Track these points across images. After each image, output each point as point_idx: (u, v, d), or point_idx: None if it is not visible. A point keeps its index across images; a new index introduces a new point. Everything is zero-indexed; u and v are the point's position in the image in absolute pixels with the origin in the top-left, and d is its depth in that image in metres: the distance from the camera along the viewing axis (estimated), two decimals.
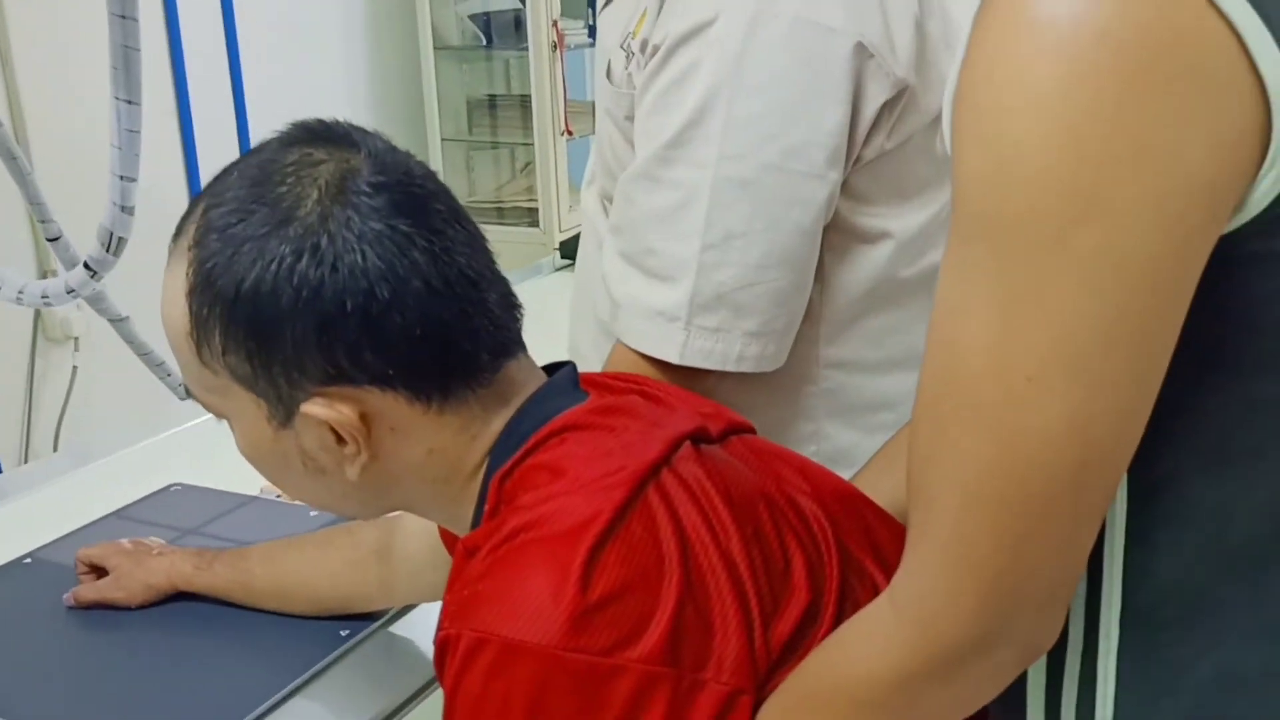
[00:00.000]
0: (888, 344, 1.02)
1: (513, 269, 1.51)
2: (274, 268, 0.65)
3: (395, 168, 0.69)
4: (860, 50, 0.90)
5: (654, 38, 0.96)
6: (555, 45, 3.11)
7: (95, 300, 1.92)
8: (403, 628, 1.05)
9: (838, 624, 0.68)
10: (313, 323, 0.66)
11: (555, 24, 3.11)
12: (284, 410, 0.70)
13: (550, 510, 0.65)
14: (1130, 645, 0.60)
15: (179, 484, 1.33)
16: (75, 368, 2.23)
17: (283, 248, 0.65)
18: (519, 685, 0.61)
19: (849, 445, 1.02)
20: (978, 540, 0.54)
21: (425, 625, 1.05)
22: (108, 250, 1.44)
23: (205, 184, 0.71)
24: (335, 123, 0.71)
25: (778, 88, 0.90)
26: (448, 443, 0.71)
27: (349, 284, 0.65)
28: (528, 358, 0.75)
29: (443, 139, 3.35)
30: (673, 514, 0.66)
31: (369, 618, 1.03)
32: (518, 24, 3.27)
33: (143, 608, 1.05)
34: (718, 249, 0.92)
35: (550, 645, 0.60)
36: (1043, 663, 0.62)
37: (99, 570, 1.08)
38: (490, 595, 0.63)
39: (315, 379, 0.68)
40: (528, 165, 3.47)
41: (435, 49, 3.29)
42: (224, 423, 0.75)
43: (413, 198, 0.68)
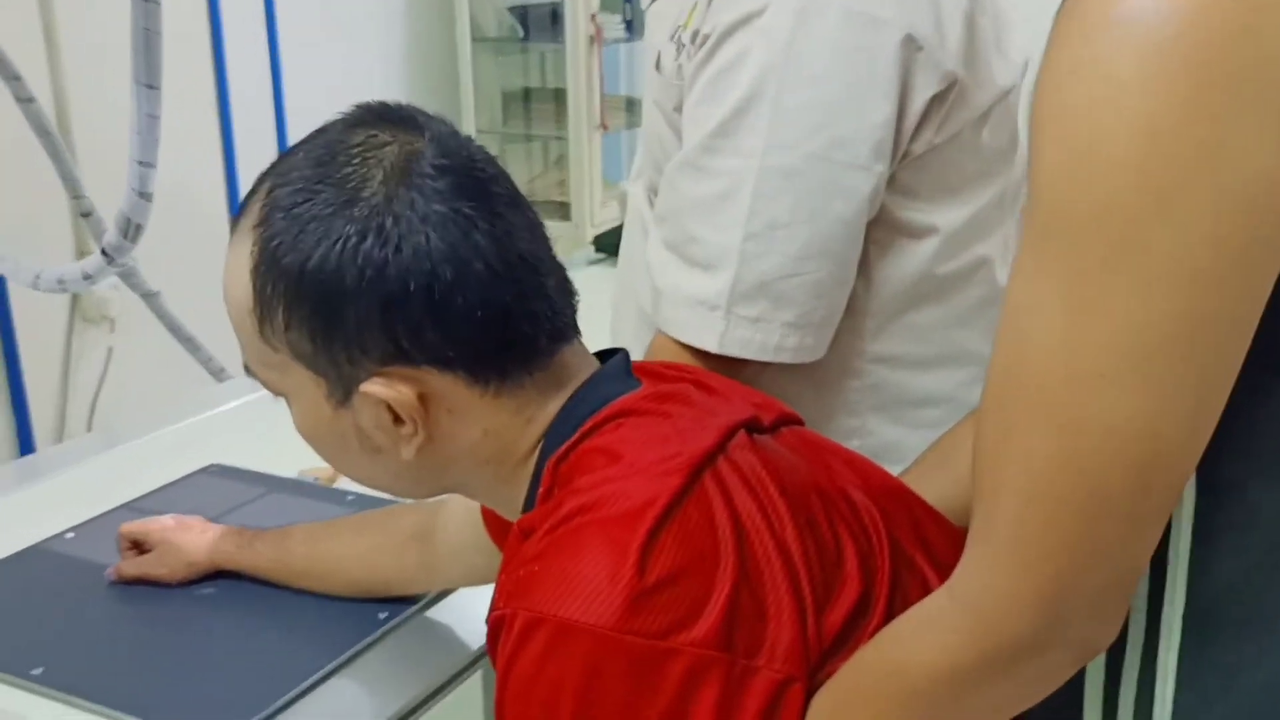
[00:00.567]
0: (932, 340, 1.02)
1: None
2: (339, 247, 0.66)
3: (458, 151, 0.70)
4: (909, 42, 0.90)
5: (704, 28, 0.96)
6: (593, 39, 3.11)
7: (127, 275, 1.94)
8: (440, 612, 1.05)
9: (889, 616, 0.68)
10: (376, 302, 0.66)
11: (594, 17, 3.11)
12: (343, 389, 0.70)
13: (608, 493, 0.65)
14: (1191, 644, 0.59)
15: (217, 464, 1.34)
16: (111, 348, 2.24)
17: (348, 228, 0.66)
18: (573, 666, 0.61)
19: (893, 441, 1.01)
20: (1039, 537, 0.54)
21: (463, 610, 1.05)
22: (125, 236, 1.45)
23: (269, 166, 0.72)
24: (400, 105, 0.72)
25: (826, 79, 0.90)
26: (503, 425, 0.72)
27: (413, 265, 0.66)
28: (582, 344, 0.76)
29: (477, 130, 3.35)
30: (728, 501, 0.66)
31: (407, 601, 1.04)
32: (555, 17, 3.27)
33: (183, 584, 1.06)
34: (760, 238, 0.92)
35: (605, 627, 0.60)
36: (1101, 659, 0.62)
37: (141, 546, 1.09)
38: (546, 576, 0.63)
39: (375, 358, 0.68)
40: (560, 159, 3.47)
41: (472, 40, 3.29)
42: (259, 406, 0.76)
43: (475, 181, 0.69)
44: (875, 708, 0.62)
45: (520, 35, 3.46)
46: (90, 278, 1.58)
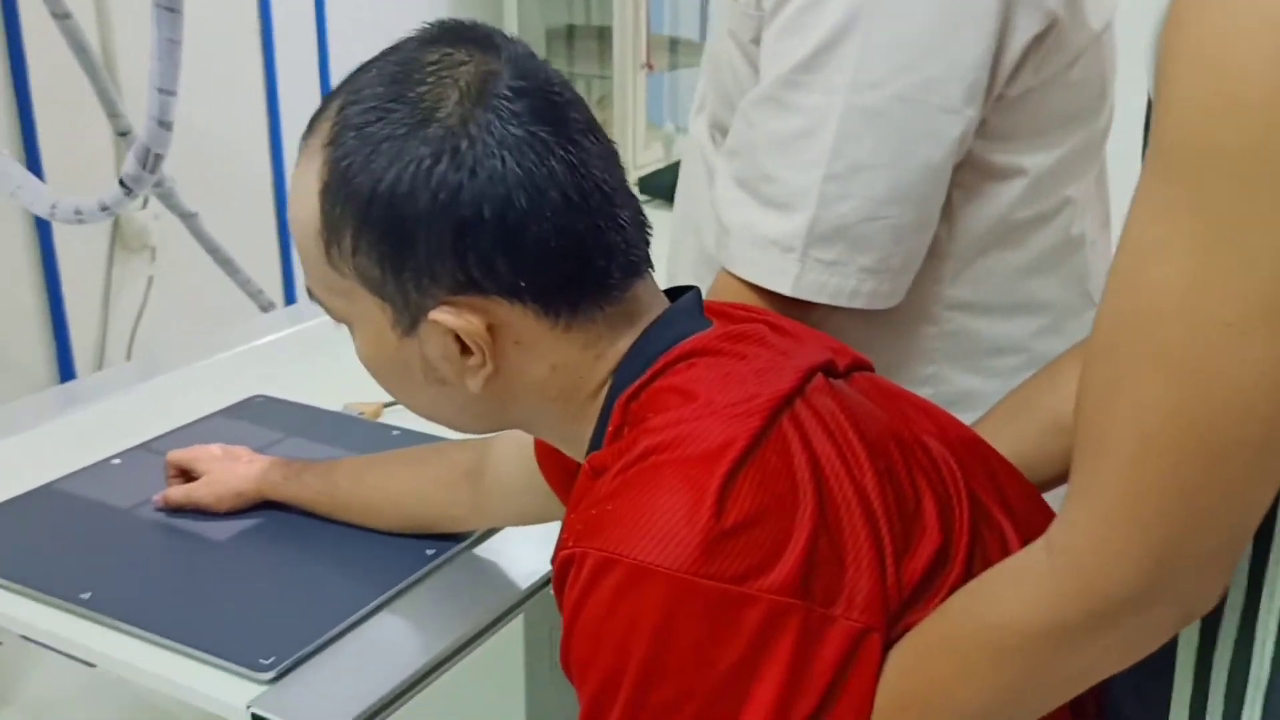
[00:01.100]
0: (1009, 286, 0.99)
1: None
2: (412, 169, 0.64)
3: (535, 74, 0.67)
4: None
5: None
6: None
7: (165, 196, 1.92)
8: (487, 550, 1.04)
9: (968, 568, 0.66)
10: (448, 228, 0.64)
11: None
12: (410, 317, 0.68)
13: (684, 433, 0.63)
14: None
15: (262, 395, 1.33)
16: (151, 278, 2.23)
17: (422, 149, 0.64)
18: (647, 608, 0.59)
19: (967, 390, 0.99)
20: (1151, 491, 0.51)
21: (509, 549, 1.04)
22: (144, 167, 1.41)
23: (340, 83, 0.69)
24: (476, 24, 0.69)
25: (919, 16, 0.86)
26: (571, 360, 0.70)
27: (488, 190, 0.64)
28: (654, 280, 0.73)
29: None
30: (807, 445, 0.64)
31: (454, 538, 1.03)
32: None
33: (229, 514, 1.05)
34: (841, 180, 0.89)
35: (681, 569, 0.59)
36: (1196, 622, 0.60)
37: (188, 474, 1.08)
38: (620, 515, 0.61)
39: (445, 286, 0.66)
40: (604, 98, 3.42)
41: None
42: (300, 339, 0.74)
43: (552, 105, 0.66)
44: (962, 663, 0.60)
45: None
46: (108, 209, 1.55)
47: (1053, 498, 0.79)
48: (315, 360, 1.48)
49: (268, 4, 2.43)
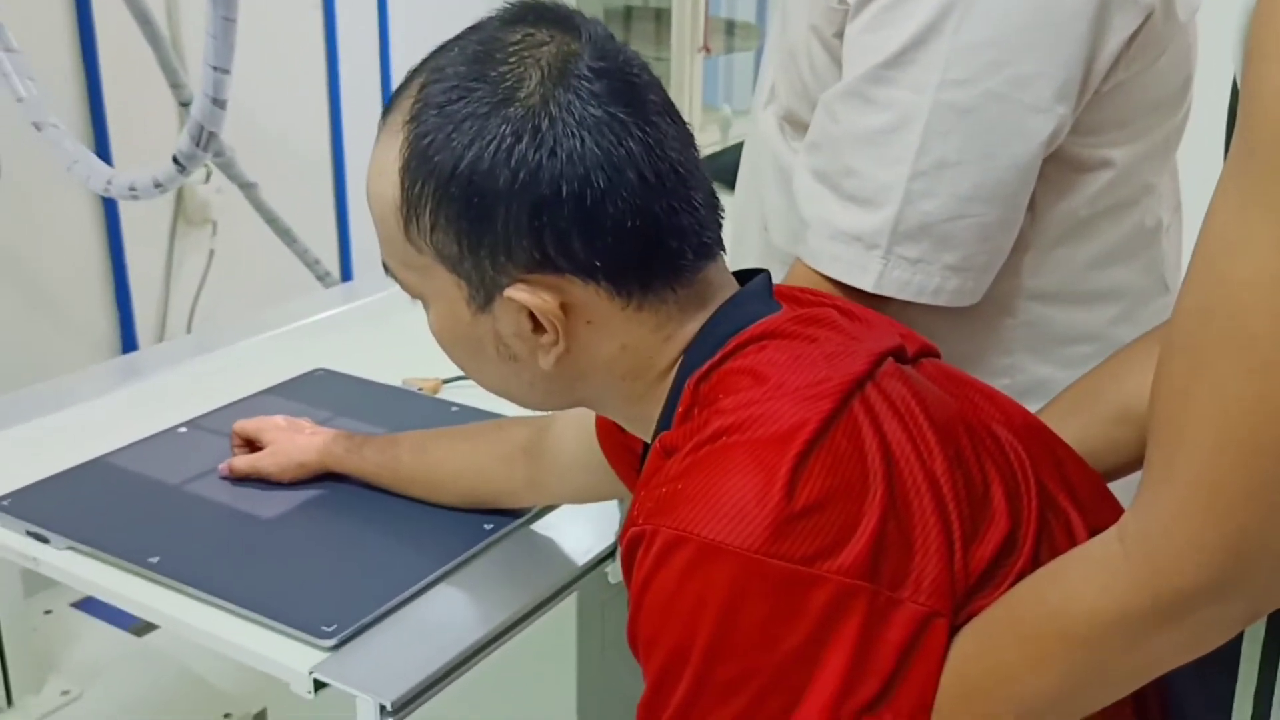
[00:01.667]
0: (1088, 275, 0.98)
1: None
2: (492, 147, 0.65)
3: (614, 54, 0.68)
4: None
5: None
6: None
7: (225, 166, 1.94)
8: (543, 526, 1.05)
9: (1035, 556, 0.66)
10: (527, 206, 0.65)
11: None
12: (485, 294, 0.69)
13: (756, 414, 0.64)
14: None
15: (324, 369, 1.35)
16: (212, 251, 2.27)
17: (503, 127, 0.65)
18: (715, 587, 0.60)
19: (1043, 379, 0.98)
20: (1228, 483, 0.51)
21: (566, 525, 1.05)
22: (198, 145, 1.42)
23: (421, 61, 0.70)
24: (556, 4, 0.70)
25: (1012, 13, 0.85)
26: (641, 341, 0.70)
27: (566, 169, 0.64)
28: (724, 262, 0.74)
29: None
30: (877, 429, 0.65)
31: (512, 514, 1.04)
32: None
33: (291, 485, 1.07)
34: (928, 177, 0.88)
35: (751, 549, 0.59)
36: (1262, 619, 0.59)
37: (253, 444, 1.10)
38: (691, 494, 0.62)
39: (521, 264, 0.67)
40: (660, 80, 3.41)
41: None
42: (359, 314, 0.75)
43: (630, 86, 0.67)
44: (1030, 651, 0.60)
45: None
46: (161, 185, 1.57)
47: (1116, 488, 0.78)
48: (374, 336, 1.50)
49: (332, 17, 2.45)
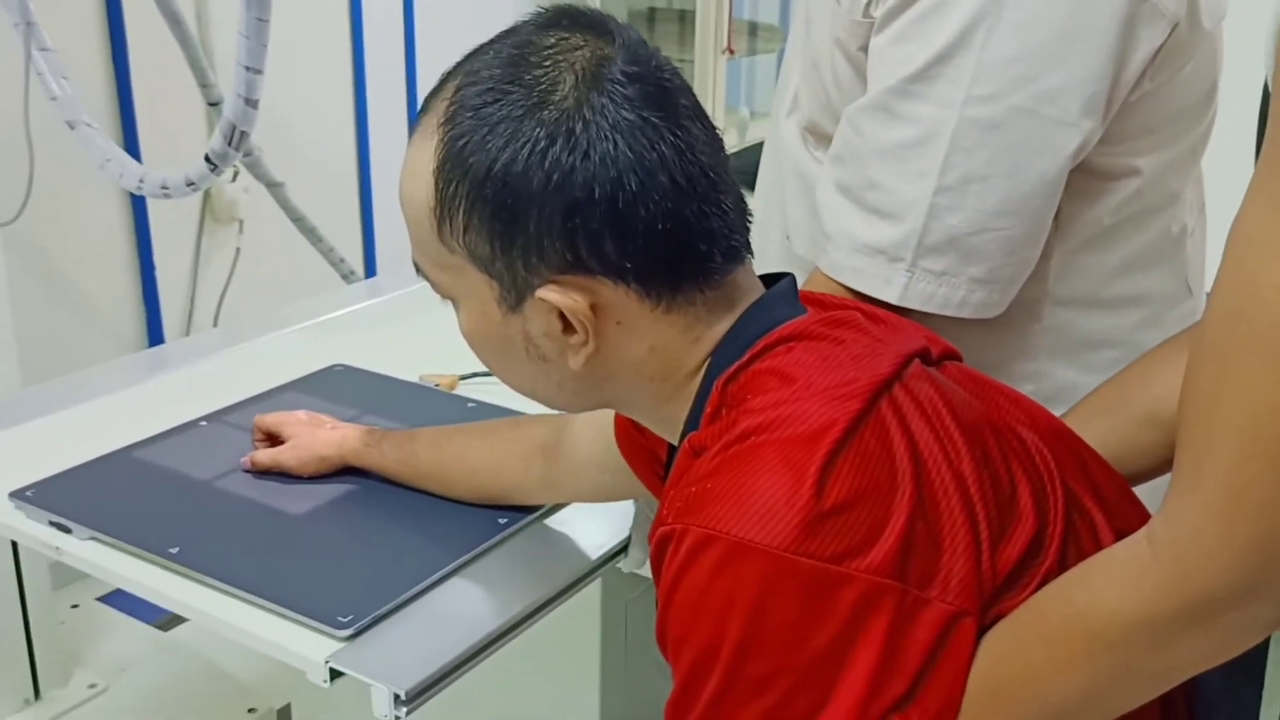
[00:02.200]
0: (1114, 280, 0.98)
1: None
2: (526, 150, 0.65)
3: (647, 59, 0.69)
4: None
5: None
6: None
7: (252, 165, 1.96)
8: (556, 522, 1.06)
9: (1062, 557, 0.66)
10: (559, 208, 0.66)
11: None
12: (516, 294, 0.70)
13: (785, 414, 0.64)
14: None
15: (342, 364, 1.36)
16: (239, 249, 2.29)
17: (537, 130, 0.66)
18: (745, 584, 0.60)
19: (1068, 384, 0.98)
20: (1256, 487, 0.51)
21: (579, 521, 1.05)
22: (229, 143, 1.44)
23: (455, 64, 0.71)
24: (590, 9, 0.71)
25: (1039, 28, 0.85)
26: (670, 342, 0.71)
27: (599, 172, 0.65)
28: (752, 266, 0.74)
29: None
30: (905, 429, 0.65)
31: (526, 510, 1.04)
32: None
33: (311, 478, 1.08)
34: (953, 192, 0.88)
35: (780, 547, 0.60)
36: None
37: (273, 438, 1.12)
38: (720, 493, 0.62)
39: (552, 265, 0.68)
40: None
41: None
42: (379, 311, 0.76)
43: (663, 91, 0.68)
44: (1057, 652, 0.60)
45: None
46: (193, 184, 1.59)
47: (1141, 492, 0.78)
48: (395, 332, 1.51)
49: (360, 16, 2.47)
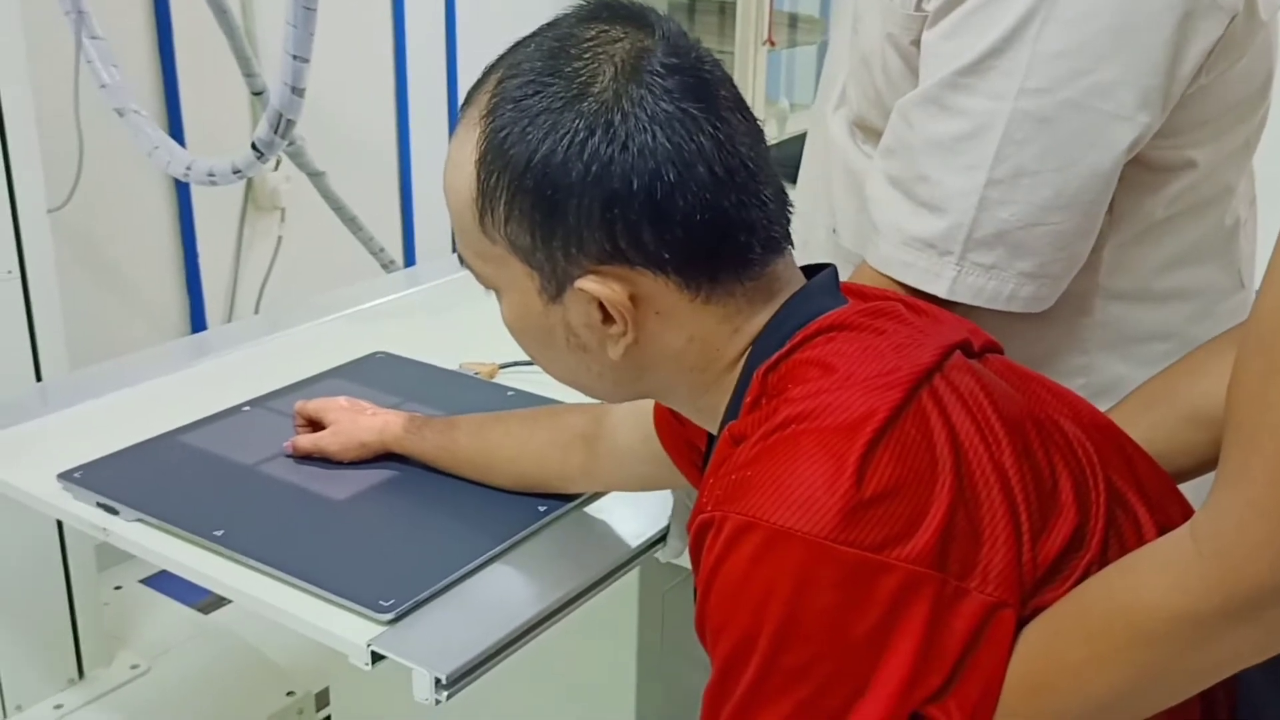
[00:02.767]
0: (1167, 273, 0.97)
1: None
2: (566, 141, 0.66)
3: (687, 51, 0.69)
4: None
5: None
6: None
7: (295, 155, 1.98)
8: (596, 510, 1.06)
9: (1103, 551, 0.65)
10: (599, 199, 0.66)
11: None
12: (556, 284, 0.70)
13: (825, 403, 0.64)
14: None
15: (383, 352, 1.37)
16: (280, 237, 2.32)
17: (577, 122, 0.66)
18: (784, 572, 0.60)
19: (1118, 378, 0.97)
20: None
21: (617, 510, 1.06)
22: (276, 132, 1.45)
23: (498, 57, 0.72)
24: (631, 2, 0.71)
25: (1093, 21, 0.84)
26: (709, 332, 0.71)
27: (638, 163, 0.66)
28: (792, 257, 0.74)
29: None
30: (946, 420, 0.65)
31: (565, 498, 1.05)
32: None
33: (352, 464, 1.09)
34: (1004, 185, 0.88)
35: (820, 535, 0.60)
36: None
37: (314, 423, 1.13)
38: (760, 481, 0.62)
39: (592, 256, 0.68)
40: None
41: None
42: (419, 299, 0.76)
43: (702, 82, 0.68)
44: (1098, 646, 0.59)
45: None
46: (240, 171, 1.60)
47: (1185, 489, 0.77)
48: (434, 321, 1.52)
49: (401, 9, 2.48)
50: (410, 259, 2.63)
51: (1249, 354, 0.53)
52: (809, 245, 1.14)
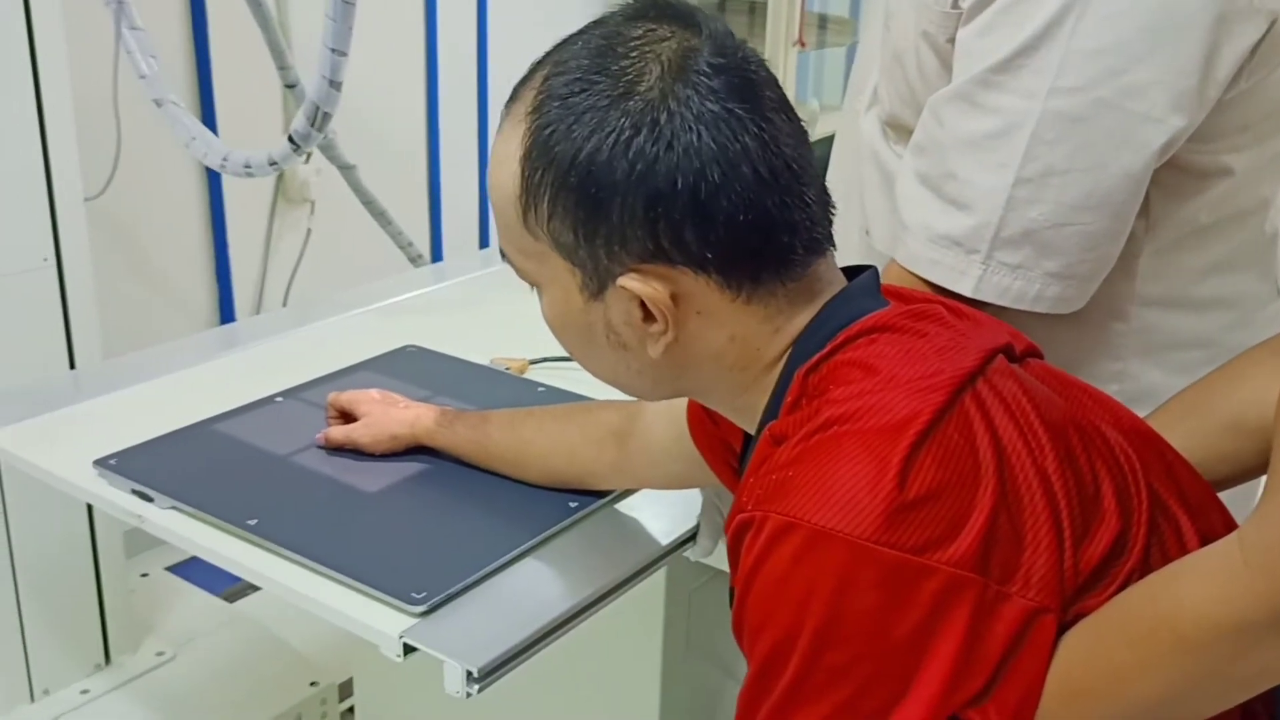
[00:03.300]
0: (1205, 280, 0.96)
1: None
2: (611, 139, 0.66)
3: (733, 51, 0.69)
4: None
5: None
6: None
7: (326, 148, 1.99)
8: (627, 507, 1.06)
9: (1145, 559, 0.65)
10: (642, 198, 0.66)
11: None
12: (598, 282, 0.70)
13: (868, 404, 0.64)
14: None
15: (414, 345, 1.38)
16: (309, 230, 2.33)
17: (622, 120, 0.66)
18: (825, 572, 0.60)
19: (1154, 385, 0.96)
20: None
21: (648, 507, 1.06)
22: (313, 125, 1.46)
23: (544, 54, 0.72)
24: (679, 1, 0.71)
25: (1129, 19, 0.84)
26: (750, 332, 0.71)
27: (683, 163, 0.66)
28: (834, 258, 0.74)
29: None
30: (989, 423, 0.65)
31: (597, 493, 1.05)
32: None
33: (384, 456, 1.10)
34: (1033, 185, 0.87)
35: (862, 536, 0.60)
36: None
37: (346, 415, 1.13)
38: (802, 482, 0.62)
39: (635, 254, 0.68)
40: None
41: None
42: (448, 294, 0.76)
43: (748, 83, 0.68)
44: (1141, 653, 0.59)
45: None
46: (276, 163, 1.61)
47: (1225, 498, 0.77)
48: (461, 316, 1.52)
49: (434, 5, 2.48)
50: (437, 254, 2.64)
51: None
52: (840, 247, 1.14)
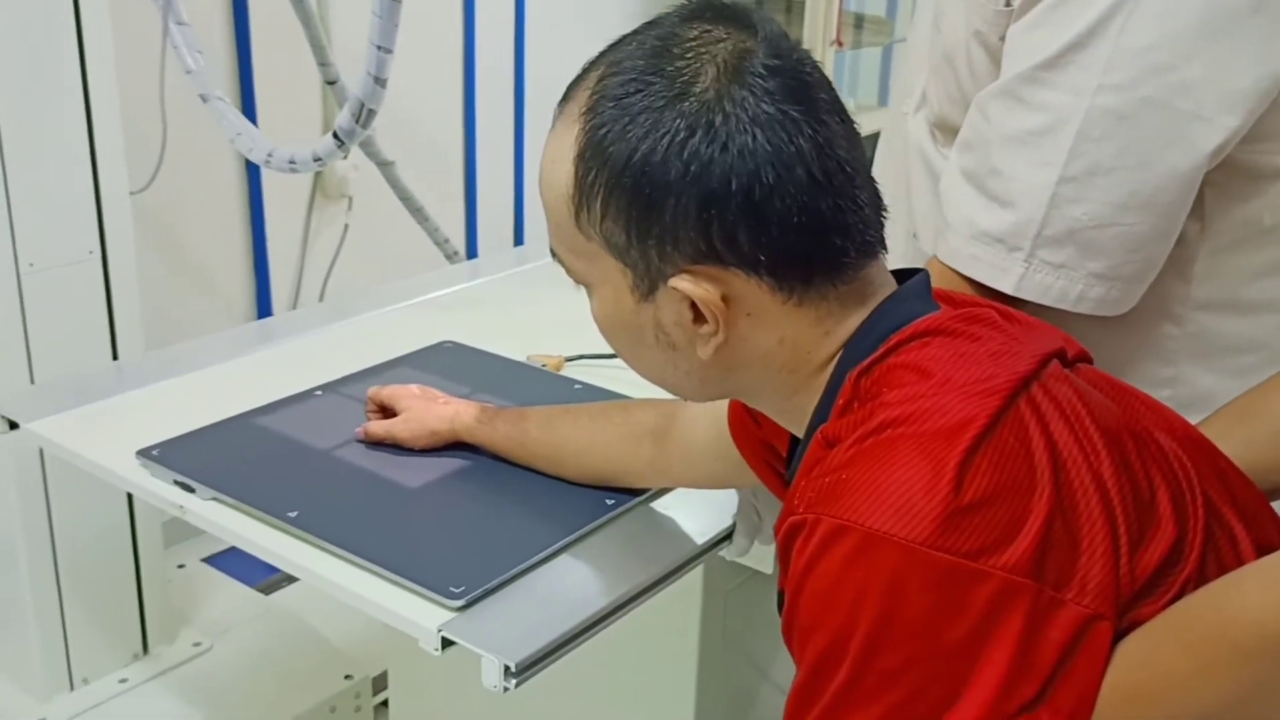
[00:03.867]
0: (1259, 283, 0.95)
1: None
2: (666, 140, 0.66)
3: (788, 53, 0.68)
4: None
5: None
6: None
7: (365, 144, 2.00)
8: (663, 505, 1.06)
9: (1202, 566, 0.64)
10: (696, 199, 0.66)
11: None
12: (649, 283, 0.70)
13: (923, 408, 0.64)
14: None
15: (451, 341, 1.39)
16: (347, 225, 2.34)
17: (677, 121, 0.66)
18: (878, 576, 0.60)
19: (1206, 390, 0.95)
20: None
21: (685, 506, 1.06)
22: (357, 121, 1.47)
23: (598, 54, 0.72)
24: (734, 2, 0.71)
25: (1180, 17, 0.82)
26: (800, 335, 0.71)
27: (737, 164, 0.66)
28: (885, 261, 0.74)
29: None
30: (1044, 429, 0.64)
31: (633, 492, 1.05)
32: None
33: (422, 451, 1.10)
34: (1077, 183, 0.86)
35: (916, 541, 0.59)
36: None
37: (386, 410, 1.14)
38: (856, 485, 0.62)
39: (686, 255, 0.68)
40: None
41: None
42: (485, 290, 0.76)
43: (803, 85, 0.68)
44: (1199, 660, 0.58)
45: None
46: (320, 159, 1.62)
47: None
48: (497, 313, 1.53)
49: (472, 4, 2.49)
50: (472, 251, 2.65)
51: None
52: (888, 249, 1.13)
